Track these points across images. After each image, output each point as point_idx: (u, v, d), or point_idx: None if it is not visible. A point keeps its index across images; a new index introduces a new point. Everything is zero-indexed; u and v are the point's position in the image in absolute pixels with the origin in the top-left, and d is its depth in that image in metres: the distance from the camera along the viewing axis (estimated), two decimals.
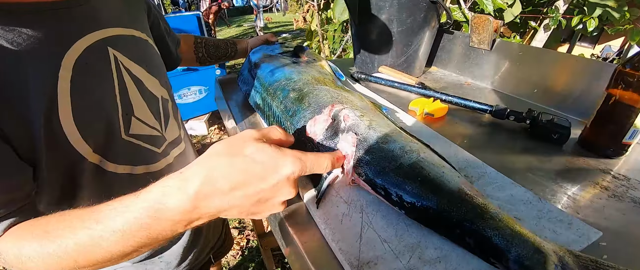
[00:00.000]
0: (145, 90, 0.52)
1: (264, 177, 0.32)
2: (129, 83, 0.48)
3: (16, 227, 0.35)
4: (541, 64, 0.75)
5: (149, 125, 0.52)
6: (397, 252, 0.35)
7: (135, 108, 0.49)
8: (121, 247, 0.33)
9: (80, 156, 0.42)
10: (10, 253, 0.34)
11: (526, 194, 0.42)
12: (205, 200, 0.32)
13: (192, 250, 0.69)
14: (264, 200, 0.34)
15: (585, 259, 0.32)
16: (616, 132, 0.55)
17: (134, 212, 0.32)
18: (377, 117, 0.49)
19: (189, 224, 0.33)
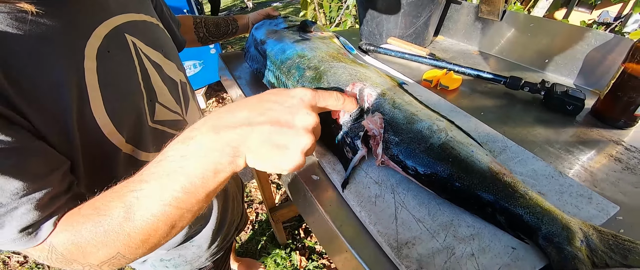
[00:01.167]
0: (165, 75, 0.51)
1: (277, 99, 0.34)
2: (150, 69, 0.47)
3: (66, 216, 0.33)
4: (553, 35, 0.74)
5: (171, 110, 0.52)
6: (433, 231, 0.36)
7: (158, 94, 0.48)
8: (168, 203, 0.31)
9: (115, 147, 0.42)
10: (68, 244, 0.32)
11: (547, 168, 0.44)
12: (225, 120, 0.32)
13: (221, 231, 0.71)
14: (284, 123, 0.32)
15: (606, 234, 0.33)
16: (629, 105, 0.55)
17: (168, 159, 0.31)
18: (399, 93, 0.49)
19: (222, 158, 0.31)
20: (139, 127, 0.45)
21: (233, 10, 5.92)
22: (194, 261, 0.71)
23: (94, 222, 0.31)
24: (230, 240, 0.80)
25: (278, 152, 0.32)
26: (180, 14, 2.16)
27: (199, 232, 0.66)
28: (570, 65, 0.73)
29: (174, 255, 0.66)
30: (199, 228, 0.65)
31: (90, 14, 0.40)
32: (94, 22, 0.41)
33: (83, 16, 0.39)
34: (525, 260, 0.33)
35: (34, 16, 0.34)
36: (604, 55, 0.67)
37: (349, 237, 0.39)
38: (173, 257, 0.67)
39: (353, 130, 0.45)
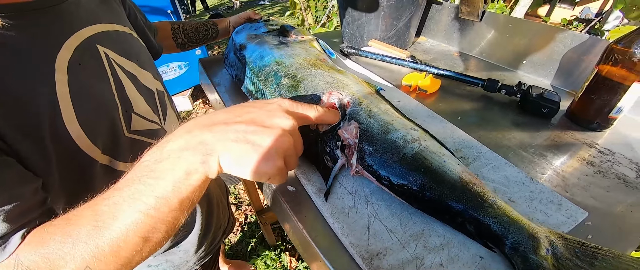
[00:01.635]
0: (141, 85, 0.50)
1: (256, 104, 0.35)
2: (124, 79, 0.47)
3: (36, 229, 0.32)
4: (531, 36, 0.75)
5: (148, 119, 0.51)
6: (404, 241, 0.36)
7: (134, 104, 0.48)
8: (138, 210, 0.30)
9: (91, 159, 0.41)
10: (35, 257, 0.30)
11: (519, 174, 0.44)
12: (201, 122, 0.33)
13: (207, 235, 0.71)
14: (260, 122, 0.32)
15: (573, 242, 0.34)
16: (603, 107, 0.56)
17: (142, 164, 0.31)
18: (375, 101, 0.49)
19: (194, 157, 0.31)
20: (115, 137, 0.45)
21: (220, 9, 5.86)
22: (182, 266, 0.70)
23: (63, 232, 0.30)
24: (218, 244, 0.80)
25: (254, 152, 0.31)
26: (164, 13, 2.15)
27: (185, 238, 0.65)
28: (547, 67, 0.74)
29: (161, 261, 0.66)
30: (184, 234, 0.65)
31: (60, 26, 0.40)
32: (64, 34, 0.40)
33: (53, 29, 0.39)
34: (491, 269, 0.34)
35: (3, 30, 0.33)
36: (580, 57, 0.68)
37: (323, 248, 0.39)
38: (160, 262, 0.66)
39: (331, 140, 0.45)
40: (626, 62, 0.52)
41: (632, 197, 0.45)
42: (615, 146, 0.55)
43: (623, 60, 0.52)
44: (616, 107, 0.55)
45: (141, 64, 0.53)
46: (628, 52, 0.52)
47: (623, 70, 0.53)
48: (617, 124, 0.59)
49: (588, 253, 0.34)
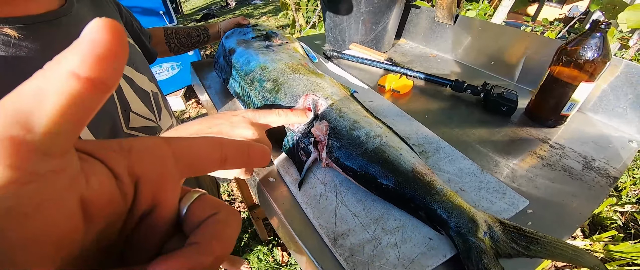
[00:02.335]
0: (137, 87, 0.56)
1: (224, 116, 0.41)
2: (122, 82, 0.52)
3: None
4: (498, 38, 0.81)
5: (145, 117, 0.57)
6: (365, 224, 0.42)
7: (131, 103, 0.53)
8: None
9: None
10: None
11: (472, 166, 0.50)
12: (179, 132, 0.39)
13: None
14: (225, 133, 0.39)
15: (510, 226, 0.40)
16: (556, 105, 0.62)
17: None
18: (347, 102, 0.55)
19: None
20: (115, 134, 0.50)
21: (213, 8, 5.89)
22: None
23: None
24: None
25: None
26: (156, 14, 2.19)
27: None
28: (513, 67, 0.80)
29: None
30: None
31: (65, 37, 0.45)
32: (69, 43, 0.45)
33: (59, 39, 0.44)
34: (438, 249, 0.39)
35: (16, 40, 0.38)
36: (540, 57, 0.74)
37: (297, 230, 0.45)
38: None
39: (306, 136, 0.50)
40: (574, 63, 0.58)
41: (574, 187, 0.50)
42: (567, 141, 0.61)
43: (572, 61, 0.58)
44: (567, 105, 0.61)
45: (137, 68, 0.58)
46: (576, 54, 0.57)
47: (572, 71, 0.59)
48: (569, 121, 0.65)
49: (524, 237, 0.39)
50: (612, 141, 0.61)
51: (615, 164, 0.55)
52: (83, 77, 0.11)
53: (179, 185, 0.17)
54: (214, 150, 0.18)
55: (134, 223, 0.16)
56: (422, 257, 0.38)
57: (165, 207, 0.16)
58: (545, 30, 1.82)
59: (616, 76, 0.63)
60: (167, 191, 0.16)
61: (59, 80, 0.11)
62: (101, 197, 0.14)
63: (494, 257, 0.38)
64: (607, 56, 0.55)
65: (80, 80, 0.11)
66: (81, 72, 0.11)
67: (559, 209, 0.47)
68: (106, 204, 0.14)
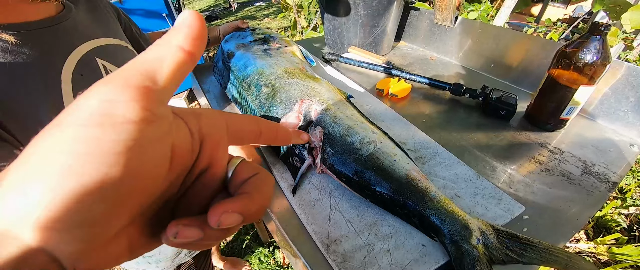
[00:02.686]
0: None
1: None
2: None
3: None
4: (498, 40, 0.81)
5: None
6: (359, 230, 0.42)
7: None
8: None
9: None
10: None
11: (468, 172, 0.50)
12: None
13: None
14: None
15: (504, 233, 0.39)
16: (555, 109, 0.61)
17: None
18: (342, 108, 0.55)
19: None
20: None
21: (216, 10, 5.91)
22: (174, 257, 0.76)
23: None
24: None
25: None
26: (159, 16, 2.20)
27: None
28: (513, 70, 0.79)
29: (154, 252, 0.72)
30: None
31: (63, 42, 0.46)
32: (67, 50, 0.46)
33: (57, 45, 0.44)
34: (431, 256, 0.39)
35: (14, 46, 0.39)
36: (541, 60, 0.73)
37: (292, 235, 0.45)
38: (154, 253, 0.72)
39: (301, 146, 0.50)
40: (574, 65, 0.57)
41: (572, 193, 0.50)
42: (566, 145, 0.60)
43: (571, 64, 0.57)
44: (567, 108, 0.61)
45: None
46: (575, 57, 0.57)
47: (571, 74, 0.58)
48: (569, 125, 0.64)
49: (518, 244, 0.39)
50: (613, 145, 0.60)
51: (616, 169, 0.55)
52: (186, 50, 0.16)
53: (227, 150, 0.21)
54: (254, 125, 0.24)
55: (191, 181, 0.19)
56: (414, 264, 0.38)
57: (218, 167, 0.20)
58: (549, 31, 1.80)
59: (617, 79, 0.62)
60: (220, 153, 0.20)
61: (172, 51, 0.15)
62: (182, 148, 0.17)
63: (488, 264, 0.37)
64: (607, 59, 0.54)
65: (184, 52, 0.16)
66: (185, 47, 0.16)
67: (555, 215, 0.47)
68: (184, 154, 0.18)
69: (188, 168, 0.19)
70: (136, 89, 0.14)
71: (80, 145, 0.13)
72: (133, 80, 0.14)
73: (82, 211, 0.13)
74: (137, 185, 0.14)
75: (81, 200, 0.13)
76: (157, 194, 0.17)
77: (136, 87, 0.14)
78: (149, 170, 0.15)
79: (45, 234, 0.13)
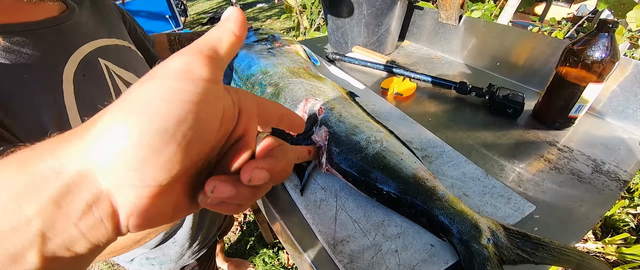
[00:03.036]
0: None
1: None
2: (123, 88, 0.52)
3: None
4: (503, 39, 0.80)
5: None
6: (365, 230, 0.41)
7: None
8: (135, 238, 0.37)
9: None
10: None
11: (476, 171, 0.49)
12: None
13: (200, 229, 0.76)
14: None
15: (514, 232, 0.38)
16: (563, 107, 0.61)
17: None
18: (347, 107, 0.54)
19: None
20: None
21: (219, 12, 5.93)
22: (178, 259, 0.76)
23: None
24: (213, 238, 0.86)
25: None
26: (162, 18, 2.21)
27: (177, 231, 0.71)
28: (519, 68, 0.78)
29: (158, 254, 0.71)
30: (176, 227, 0.70)
31: (65, 42, 0.46)
32: (69, 50, 0.46)
33: (59, 45, 0.44)
34: (440, 256, 0.38)
35: (17, 46, 0.39)
36: (547, 58, 0.72)
37: (297, 236, 0.44)
38: (158, 255, 0.72)
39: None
40: (582, 63, 0.56)
41: (582, 192, 0.49)
42: (575, 144, 0.59)
43: (579, 61, 0.56)
44: (575, 106, 0.60)
45: (138, 74, 0.58)
46: (583, 54, 0.56)
47: (580, 72, 0.57)
48: (578, 123, 0.63)
49: (529, 243, 0.38)
50: (623, 143, 0.59)
51: (626, 167, 0.54)
52: (235, 34, 0.20)
53: (257, 125, 0.25)
54: (278, 108, 0.28)
55: (227, 148, 0.22)
56: (423, 264, 0.37)
57: (250, 137, 0.23)
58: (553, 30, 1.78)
59: (626, 76, 0.61)
60: (252, 125, 0.24)
61: (227, 33, 0.20)
62: (228, 112, 0.21)
63: (498, 264, 0.37)
64: (615, 56, 0.53)
65: (234, 35, 0.20)
66: (235, 31, 0.20)
67: (566, 214, 0.46)
68: (229, 118, 0.21)
69: (229, 133, 0.22)
70: (206, 56, 0.18)
71: (166, 93, 0.16)
72: (204, 50, 0.18)
73: (158, 149, 0.16)
74: (201, 134, 0.18)
75: (160, 138, 0.16)
76: (208, 149, 0.20)
77: (206, 55, 0.18)
78: (209, 121, 0.18)
79: (118, 176, 0.16)
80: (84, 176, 0.16)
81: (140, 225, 0.18)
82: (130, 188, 0.17)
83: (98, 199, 0.17)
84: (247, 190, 0.21)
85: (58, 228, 0.16)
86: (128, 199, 0.17)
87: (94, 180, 0.16)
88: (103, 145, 0.16)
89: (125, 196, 0.17)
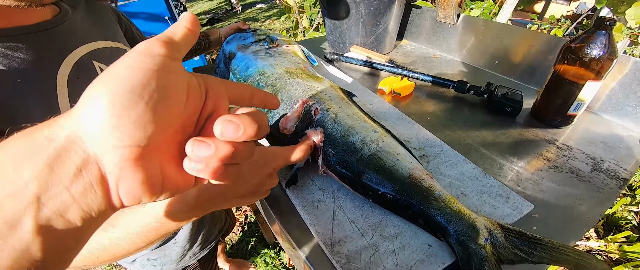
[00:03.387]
0: None
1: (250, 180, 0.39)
2: None
3: None
4: (502, 37, 0.80)
5: None
6: (363, 231, 0.41)
7: None
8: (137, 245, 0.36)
9: None
10: None
11: (474, 170, 0.49)
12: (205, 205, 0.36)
13: (201, 230, 0.76)
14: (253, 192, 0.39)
15: (512, 232, 0.38)
16: (562, 105, 0.60)
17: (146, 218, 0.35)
18: (344, 107, 0.54)
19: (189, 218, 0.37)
20: None
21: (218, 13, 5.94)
22: (179, 260, 0.76)
23: None
24: (214, 239, 0.86)
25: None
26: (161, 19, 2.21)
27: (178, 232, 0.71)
28: (517, 67, 0.78)
29: (159, 255, 0.71)
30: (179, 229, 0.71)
31: (58, 46, 0.46)
32: (62, 53, 0.46)
33: (52, 48, 0.44)
34: (437, 256, 0.38)
35: (10, 50, 0.39)
36: (545, 56, 0.72)
37: (295, 237, 0.44)
38: (159, 256, 0.72)
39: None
40: (580, 61, 0.56)
41: (581, 190, 0.49)
42: (574, 142, 0.59)
43: (578, 59, 0.56)
44: (574, 104, 0.59)
45: None
46: (581, 52, 0.55)
47: (578, 69, 0.57)
48: (577, 121, 0.63)
49: (527, 243, 0.38)
50: (622, 141, 0.59)
51: (626, 165, 0.53)
52: (188, 27, 0.23)
53: (228, 103, 0.26)
54: (247, 89, 0.30)
55: (202, 123, 0.24)
56: (420, 265, 0.37)
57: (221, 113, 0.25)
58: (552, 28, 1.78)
59: (624, 74, 0.61)
60: (222, 103, 0.25)
61: (181, 27, 0.23)
62: (194, 88, 0.23)
63: (496, 263, 0.36)
64: (613, 54, 0.53)
65: (186, 28, 0.23)
66: (187, 26, 0.23)
67: (565, 212, 0.46)
68: (196, 95, 0.23)
69: (199, 109, 0.24)
70: (163, 41, 0.21)
71: (132, 62, 0.19)
72: (161, 37, 0.22)
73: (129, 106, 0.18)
74: (166, 96, 0.20)
75: (128, 97, 0.18)
76: (180, 120, 0.22)
77: (163, 40, 0.22)
78: (173, 88, 0.21)
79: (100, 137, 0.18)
80: (72, 141, 0.18)
81: (130, 193, 0.20)
82: (113, 150, 0.18)
83: (87, 163, 0.18)
84: (226, 147, 0.22)
85: (52, 192, 0.17)
86: (113, 162, 0.18)
87: (82, 144, 0.18)
88: (85, 110, 0.18)
89: (110, 160, 0.18)
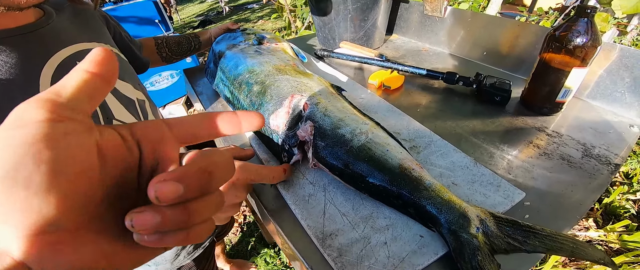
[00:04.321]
0: (121, 95, 0.55)
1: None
2: None
3: None
4: (489, 29, 0.80)
5: None
6: (354, 223, 0.41)
7: (115, 112, 0.53)
8: None
9: None
10: None
11: (465, 159, 0.49)
12: None
13: None
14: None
15: (504, 220, 0.38)
16: (550, 92, 0.61)
17: None
18: (333, 101, 0.54)
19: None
20: None
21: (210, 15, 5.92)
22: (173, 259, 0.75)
23: None
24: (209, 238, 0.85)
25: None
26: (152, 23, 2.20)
27: None
28: (505, 57, 0.78)
29: None
30: None
31: (42, 48, 0.45)
32: (45, 55, 0.45)
33: (36, 50, 0.44)
34: (430, 246, 0.38)
35: None
36: (533, 46, 0.72)
37: (287, 231, 0.44)
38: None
39: (289, 138, 0.49)
40: (565, 48, 0.56)
41: (573, 176, 0.49)
42: (564, 129, 0.59)
43: (562, 47, 0.56)
44: (562, 91, 0.60)
45: (121, 76, 0.57)
46: (565, 39, 0.56)
47: (563, 57, 0.57)
48: (566, 108, 0.63)
49: (520, 231, 0.37)
50: (612, 127, 0.59)
51: (617, 151, 0.54)
52: (90, 71, 0.20)
53: (177, 147, 0.23)
54: (204, 120, 0.24)
55: (145, 180, 0.21)
56: (412, 256, 0.37)
57: (167, 163, 0.22)
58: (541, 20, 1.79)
59: (612, 61, 0.61)
60: (167, 151, 0.22)
61: (78, 72, 0.19)
62: (110, 145, 0.19)
63: (489, 253, 0.36)
64: (596, 40, 0.53)
65: (88, 73, 0.19)
66: (89, 69, 0.20)
67: (557, 200, 0.45)
68: (114, 150, 0.19)
69: (132, 166, 0.20)
70: (41, 100, 0.17)
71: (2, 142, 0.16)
72: (41, 95, 0.18)
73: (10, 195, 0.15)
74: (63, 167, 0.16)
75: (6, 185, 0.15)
76: (103, 188, 0.18)
77: (42, 99, 0.18)
78: (70, 158, 0.17)
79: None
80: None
81: None
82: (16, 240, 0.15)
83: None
84: (175, 212, 0.18)
85: None
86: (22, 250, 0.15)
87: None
88: None
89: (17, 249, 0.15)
